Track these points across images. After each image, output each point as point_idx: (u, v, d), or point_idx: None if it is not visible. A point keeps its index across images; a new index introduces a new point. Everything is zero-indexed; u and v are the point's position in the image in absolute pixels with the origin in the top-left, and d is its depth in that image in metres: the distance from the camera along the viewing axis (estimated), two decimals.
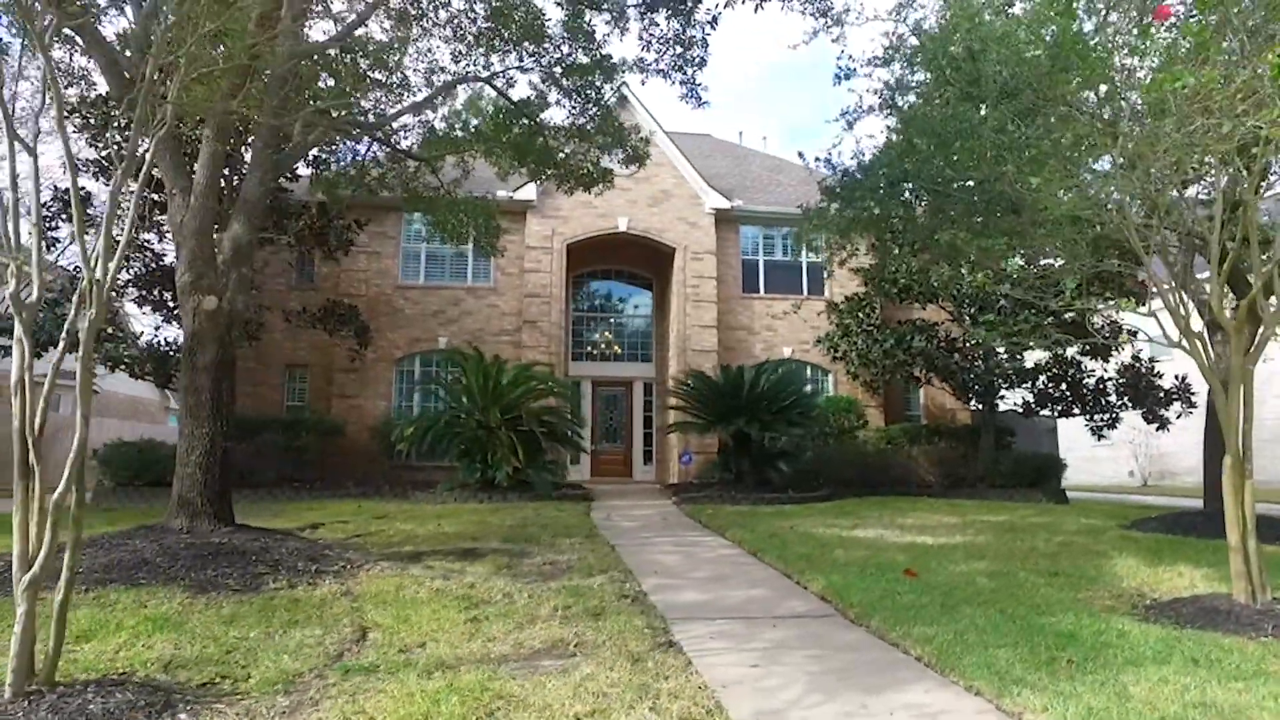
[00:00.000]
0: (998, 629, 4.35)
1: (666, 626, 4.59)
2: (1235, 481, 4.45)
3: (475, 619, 4.59)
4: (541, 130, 9.70)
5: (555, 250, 15.33)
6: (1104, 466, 26.26)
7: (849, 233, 8.68)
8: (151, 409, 18.94)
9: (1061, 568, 6.19)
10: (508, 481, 11.09)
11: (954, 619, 4.61)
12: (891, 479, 13.92)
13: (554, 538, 7.53)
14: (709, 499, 11.21)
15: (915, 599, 5.12)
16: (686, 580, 5.98)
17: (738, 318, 16.04)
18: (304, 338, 14.97)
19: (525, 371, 11.96)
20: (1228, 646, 3.90)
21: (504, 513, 9.47)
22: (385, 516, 9.12)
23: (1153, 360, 14.05)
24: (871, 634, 4.53)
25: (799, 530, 8.23)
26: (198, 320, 6.12)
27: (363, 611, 4.70)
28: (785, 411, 11.92)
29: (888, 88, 8.80)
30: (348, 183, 11.31)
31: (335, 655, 3.85)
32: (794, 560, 6.46)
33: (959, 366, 13.29)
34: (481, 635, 4.27)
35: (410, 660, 3.75)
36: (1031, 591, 5.33)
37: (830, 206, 7.70)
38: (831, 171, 8.12)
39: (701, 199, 15.83)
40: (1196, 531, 7.70)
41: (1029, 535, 7.98)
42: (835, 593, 5.37)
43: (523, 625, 4.47)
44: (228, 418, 6.33)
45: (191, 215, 6.06)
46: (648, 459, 16.95)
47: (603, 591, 5.30)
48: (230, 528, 6.14)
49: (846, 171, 7.91)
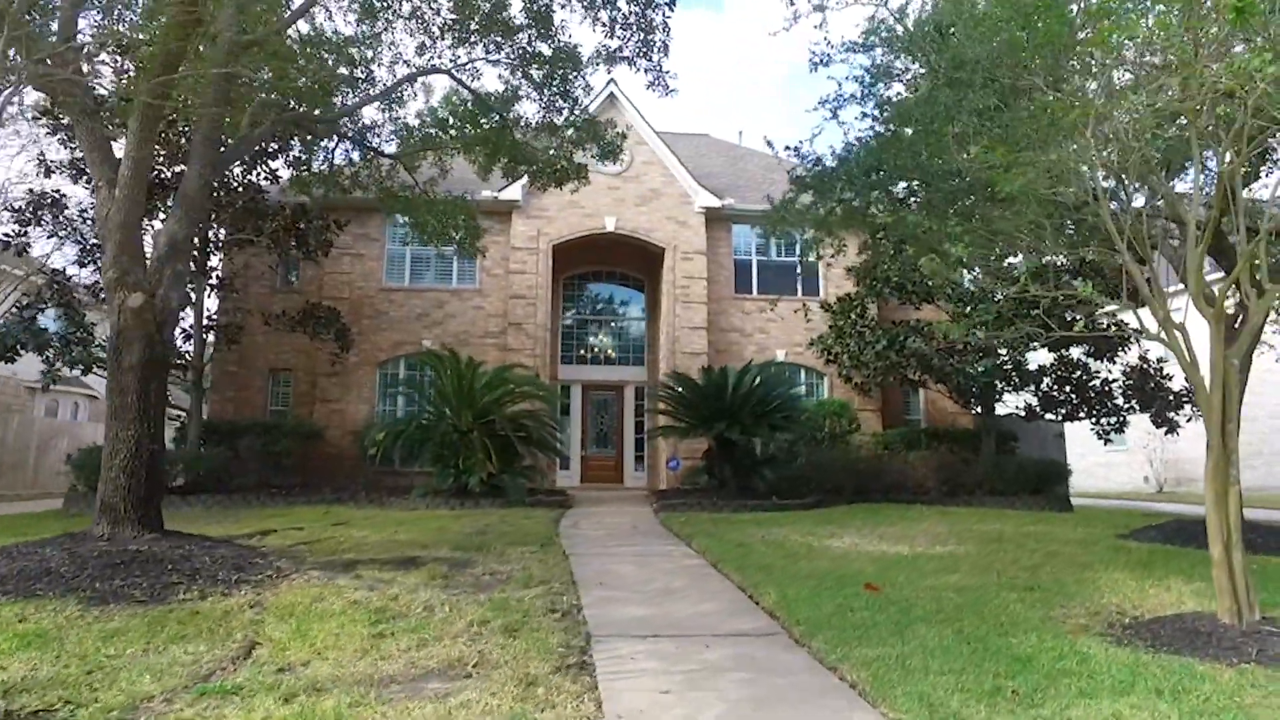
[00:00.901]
0: (948, 651, 3.92)
1: (587, 645, 4.21)
2: (1218, 487, 3.98)
3: (380, 634, 4.25)
4: (509, 124, 9.39)
5: (541, 251, 15.04)
6: (1119, 473, 25.42)
7: (825, 226, 8.28)
8: None
9: (1040, 581, 5.72)
10: (480, 487, 10.76)
11: (904, 639, 4.19)
12: (886, 485, 13.38)
13: (507, 546, 7.17)
14: (689, 506, 10.80)
15: (869, 616, 4.70)
16: (633, 593, 5.59)
17: (729, 319, 15.63)
18: (287, 341, 14.79)
19: (502, 373, 11.64)
20: (1201, 674, 3.44)
21: (469, 519, 9.13)
22: (345, 523, 8.83)
23: (1161, 361, 13.39)
24: (812, 655, 4.12)
25: (770, 539, 7.81)
26: (123, 318, 5.86)
27: (263, 625, 4.37)
28: (768, 415, 11.47)
29: (868, 73, 8.41)
30: (320, 182, 11.11)
31: (204, 675, 3.52)
32: (752, 572, 6.05)
33: (955, 368, 12.76)
34: (377, 653, 3.92)
35: (280, 682, 3.41)
36: (999, 608, 4.87)
37: (799, 198, 7.29)
38: (800, 161, 7.71)
39: (691, 197, 15.46)
40: (1197, 542, 7.13)
41: (1016, 546, 7.49)
42: (785, 608, 4.96)
43: (427, 642, 4.12)
44: (157, 420, 6.05)
45: (116, 208, 5.81)
46: (639, 465, 16.55)
47: (532, 605, 4.94)
48: (155, 535, 5.85)
49: (818, 160, 7.50)
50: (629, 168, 15.51)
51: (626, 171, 15.49)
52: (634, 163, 15.54)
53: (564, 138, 10.27)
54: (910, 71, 8.56)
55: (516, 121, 10.09)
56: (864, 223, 8.20)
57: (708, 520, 9.43)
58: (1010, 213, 4.69)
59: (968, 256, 4.54)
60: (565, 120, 9.50)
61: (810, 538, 7.99)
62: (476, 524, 8.68)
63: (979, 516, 10.38)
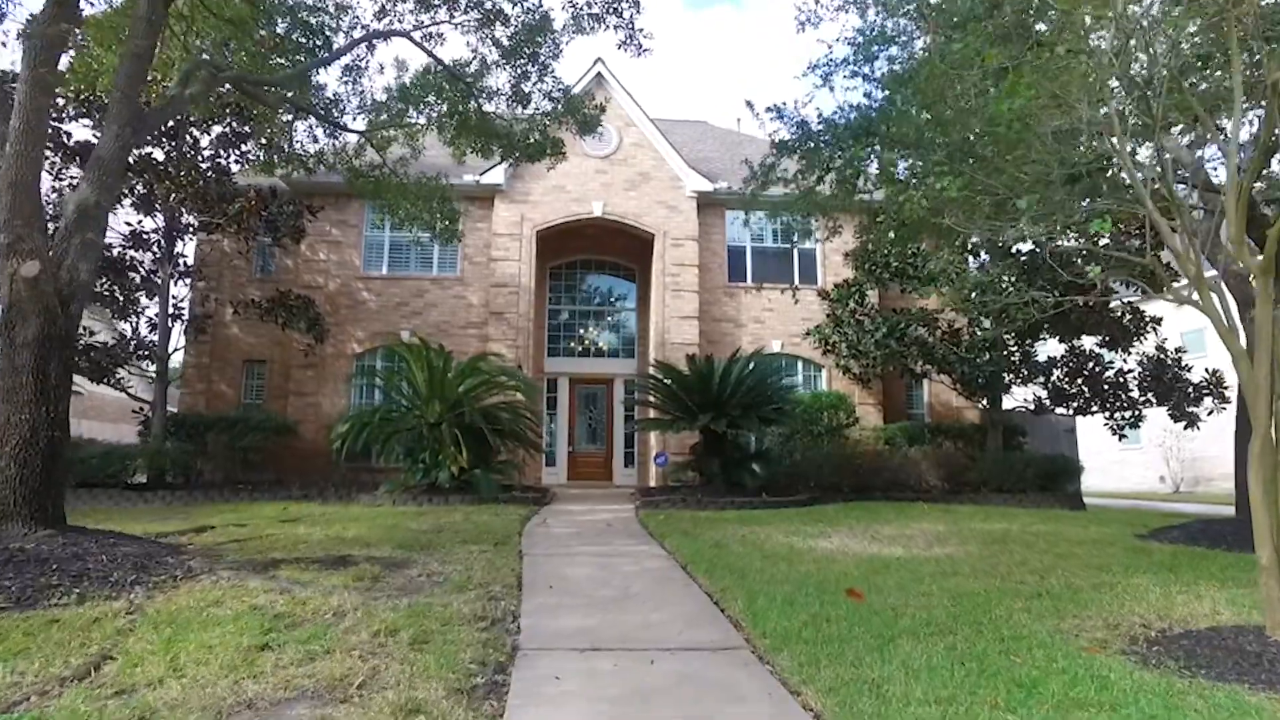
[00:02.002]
0: (936, 673, 3.23)
1: (509, 661, 3.55)
2: (1265, 473, 3.27)
3: (263, 646, 3.59)
4: (474, 91, 8.74)
5: (525, 237, 14.38)
6: (1133, 471, 24.52)
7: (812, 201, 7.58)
8: (112, 410, 18.40)
9: (1050, 587, 5.00)
10: (451, 483, 10.11)
11: (886, 656, 3.50)
12: (887, 482, 12.65)
13: (459, 545, 6.51)
14: (673, 504, 10.12)
15: (846, 628, 4.01)
16: (584, 599, 4.91)
17: (723, 309, 14.92)
18: (263, 333, 14.23)
19: (476, 363, 11.00)
20: (1253, 707, 2.73)
21: (430, 517, 8.48)
22: (297, 520, 8.20)
23: (1179, 351, 12.60)
24: (775, 675, 3.44)
25: (751, 540, 7.11)
26: (15, 288, 5.23)
27: (129, 636, 3.73)
28: (759, 407, 10.76)
29: (861, 35, 7.71)
30: (284, 160, 10.51)
31: (15, 701, 2.88)
32: (723, 575, 5.36)
33: (960, 358, 12.01)
34: (248, 670, 3.27)
35: (105, 710, 2.76)
36: (1001, 619, 4.17)
37: (780, 164, 6.59)
38: (783, 122, 7.01)
39: (682, 181, 14.77)
40: (1226, 543, 6.41)
41: (1023, 547, 6.76)
42: (752, 617, 4.27)
43: (315, 656, 3.46)
44: (58, 403, 5.43)
45: (8, 165, 5.20)
46: (629, 461, 15.87)
47: (458, 612, 4.27)
48: (51, 531, 5.23)
49: (803, 123, 6.79)
50: (617, 150, 14.85)
51: (615, 154, 14.83)
52: (622, 145, 14.88)
53: (538, 109, 9.62)
54: (907, 33, 7.87)
55: (486, 92, 9.45)
56: (853, 193, 7.48)
57: (688, 519, 8.75)
58: (1013, 159, 3.99)
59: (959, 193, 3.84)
60: (536, 88, 8.83)
61: (795, 537, 7.29)
62: (436, 521, 8.03)
63: (983, 515, 9.64)
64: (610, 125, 14.59)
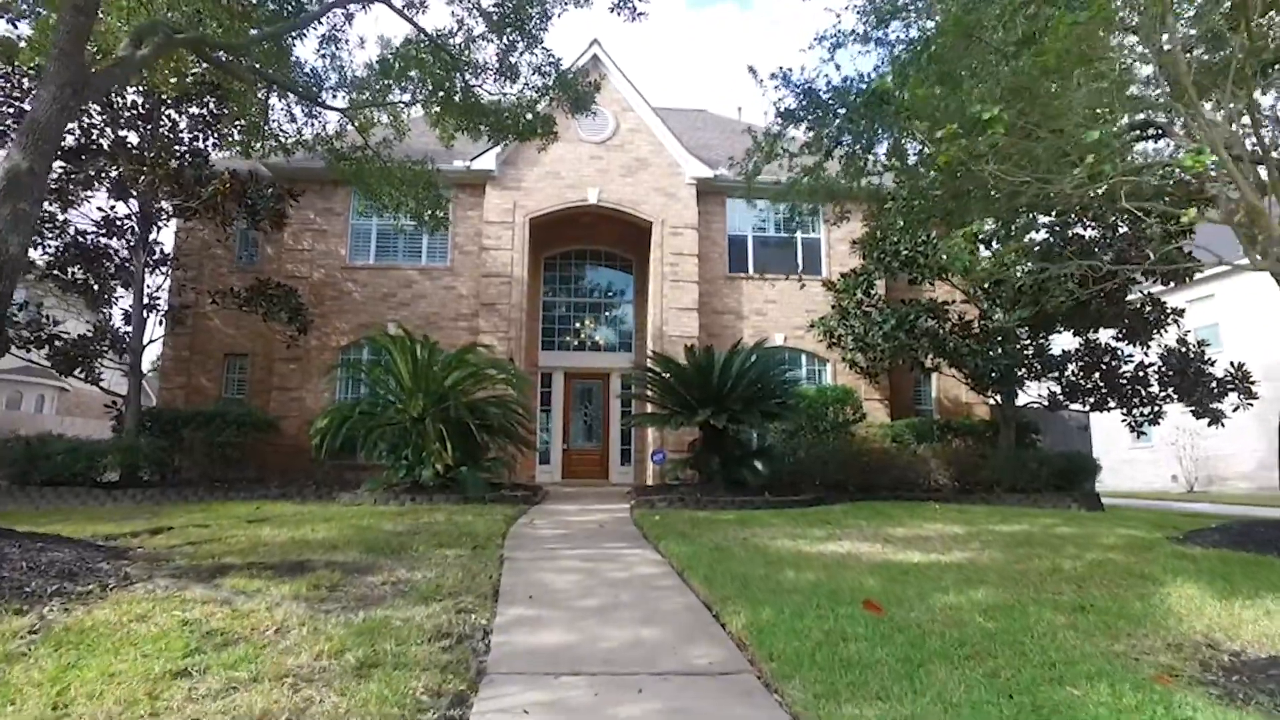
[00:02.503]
0: (979, 710, 2.67)
1: (469, 691, 3.00)
2: None
3: (184, 672, 3.04)
4: (459, 63, 8.17)
5: (517, 225, 13.81)
6: (1143, 471, 23.97)
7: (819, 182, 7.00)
8: (96, 406, 17.85)
9: (1092, 599, 4.44)
10: (435, 481, 9.55)
11: (917, 687, 2.94)
12: (895, 481, 12.09)
13: (433, 549, 5.95)
14: (670, 503, 9.56)
15: (867, 649, 3.45)
16: (565, 611, 4.35)
17: (723, 300, 14.35)
18: (246, 324, 13.68)
19: (462, 355, 10.43)
20: None
21: (409, 517, 7.92)
22: (266, 520, 7.63)
23: (1203, 344, 12.03)
24: (786, 709, 2.88)
25: (754, 543, 6.55)
26: None
27: (18, 661, 3.17)
28: (761, 401, 10.19)
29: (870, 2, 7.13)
30: (258, 139, 9.95)
31: None
32: (723, 584, 4.80)
33: (972, 351, 11.44)
34: (150, 705, 2.71)
35: None
36: (1045, 638, 3.61)
37: (785, 132, 6.02)
38: (789, 89, 6.43)
39: (681, 167, 14.19)
40: (1276, 547, 5.84)
41: (1051, 551, 6.20)
42: (757, 635, 3.72)
43: (238, 685, 2.90)
44: None
45: None
46: (625, 459, 15.30)
47: (418, 628, 3.71)
48: None
49: (810, 89, 6.21)
50: (614, 135, 14.28)
51: (611, 139, 14.26)
52: (619, 130, 14.31)
53: (528, 84, 9.05)
54: None
55: (472, 67, 8.88)
56: (861, 173, 6.90)
57: (686, 519, 8.18)
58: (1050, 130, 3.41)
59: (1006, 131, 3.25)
60: (524, 60, 8.26)
61: (801, 540, 6.73)
62: (414, 522, 7.47)
63: (1000, 516, 9.08)
64: (606, 109, 14.05)
